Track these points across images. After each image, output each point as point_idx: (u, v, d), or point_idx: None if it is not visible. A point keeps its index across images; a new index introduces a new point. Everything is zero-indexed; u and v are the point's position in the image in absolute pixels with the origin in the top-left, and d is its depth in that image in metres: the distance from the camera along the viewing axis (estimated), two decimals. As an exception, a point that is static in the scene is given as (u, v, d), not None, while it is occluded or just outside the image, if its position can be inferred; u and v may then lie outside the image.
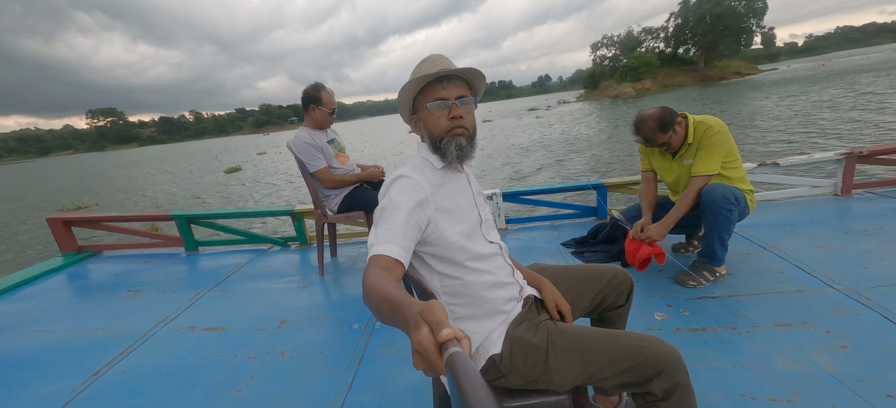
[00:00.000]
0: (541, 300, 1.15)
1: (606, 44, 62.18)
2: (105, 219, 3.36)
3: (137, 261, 3.21)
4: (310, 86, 2.52)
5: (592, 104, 44.24)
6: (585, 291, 1.20)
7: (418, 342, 0.47)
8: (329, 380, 1.64)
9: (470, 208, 1.05)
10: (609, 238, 2.56)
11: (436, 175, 1.01)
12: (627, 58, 53.83)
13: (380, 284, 0.69)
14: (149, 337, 2.06)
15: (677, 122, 2.04)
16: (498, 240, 1.11)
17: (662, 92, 45.48)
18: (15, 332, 2.24)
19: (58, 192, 21.84)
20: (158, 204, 13.84)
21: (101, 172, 36.55)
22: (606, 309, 1.23)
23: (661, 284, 2.12)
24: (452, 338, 0.46)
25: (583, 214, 3.30)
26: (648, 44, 60.42)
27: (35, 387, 1.73)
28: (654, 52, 56.78)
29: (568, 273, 1.24)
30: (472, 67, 1.01)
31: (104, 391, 1.68)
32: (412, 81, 0.99)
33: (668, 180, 2.25)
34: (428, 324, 0.49)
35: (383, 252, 0.82)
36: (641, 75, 50.67)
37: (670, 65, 54.63)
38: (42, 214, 13.77)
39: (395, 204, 0.90)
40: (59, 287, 2.84)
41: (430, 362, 0.46)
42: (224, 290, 2.56)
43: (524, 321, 1.03)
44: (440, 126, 1.00)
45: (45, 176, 40.03)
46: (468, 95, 1.03)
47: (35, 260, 6.67)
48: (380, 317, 0.66)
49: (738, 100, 23.81)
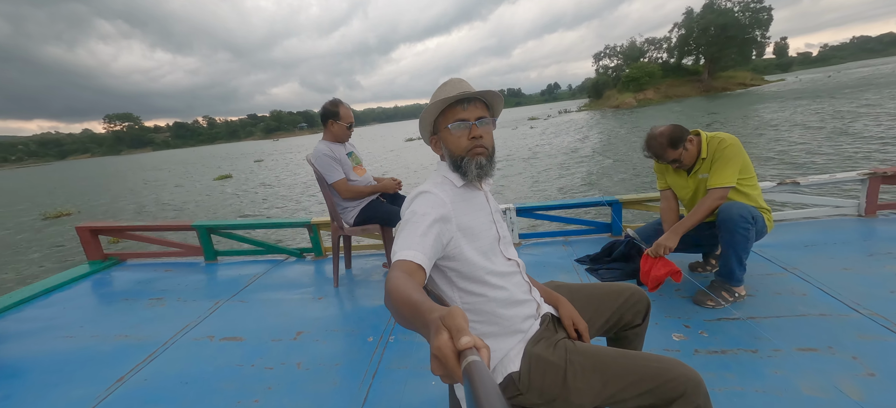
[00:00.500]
0: (558, 318, 1.15)
1: (608, 54, 62.41)
2: (130, 228, 3.48)
3: (159, 269, 3.30)
4: (329, 102, 2.59)
5: (593, 114, 44.14)
6: (601, 310, 1.20)
7: (437, 348, 0.47)
8: (344, 393, 1.65)
9: (488, 226, 1.07)
10: (624, 256, 2.54)
11: (456, 193, 1.04)
12: (629, 68, 53.82)
13: (402, 287, 0.69)
14: (170, 345, 2.11)
15: (688, 139, 2.04)
16: (515, 257, 1.13)
17: (664, 102, 45.20)
18: (44, 336, 2.32)
19: (48, 195, 22.71)
20: (141, 210, 14.31)
21: (95, 177, 37.73)
22: (623, 328, 1.23)
23: (678, 303, 2.09)
24: (472, 346, 0.46)
25: (597, 231, 3.28)
26: (651, 54, 60.50)
27: (62, 391, 1.79)
28: (656, 63, 56.70)
29: (584, 291, 1.24)
30: (491, 90, 1.04)
31: (127, 398, 1.73)
32: (434, 103, 1.03)
33: (684, 198, 2.24)
34: (448, 330, 0.49)
35: (406, 257, 0.84)
36: (643, 86, 50.58)
37: (674, 75, 54.40)
38: (28, 217, 14.46)
39: (418, 216, 0.93)
40: (86, 294, 2.94)
41: (447, 368, 0.46)
42: (242, 300, 2.61)
43: (542, 339, 1.04)
44: (461, 145, 1.04)
45: (49, 180, 41.35)
46: (487, 116, 1.06)
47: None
48: (400, 319, 0.67)
49: (732, 113, 23.38)
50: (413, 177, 14.55)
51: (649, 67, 52.60)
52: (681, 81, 52.89)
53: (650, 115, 30.92)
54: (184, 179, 25.02)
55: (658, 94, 49.74)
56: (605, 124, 28.36)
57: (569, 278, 2.54)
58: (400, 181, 2.74)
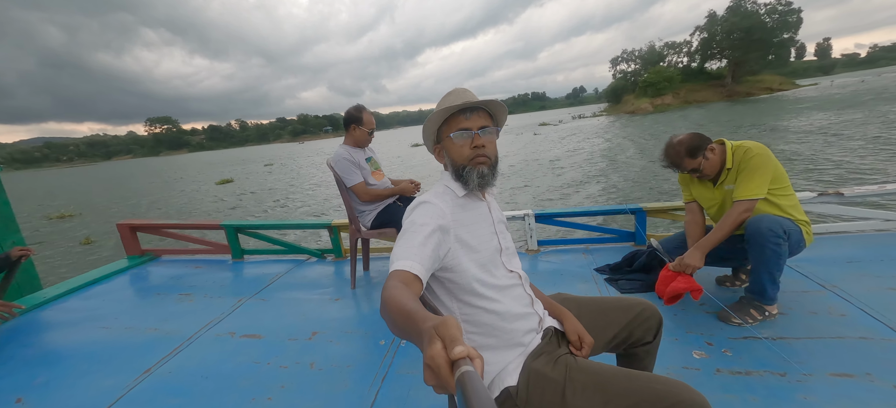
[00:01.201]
0: (562, 332, 1.13)
1: (626, 58, 61.44)
2: (165, 226, 3.68)
3: (190, 266, 3.47)
4: (352, 107, 2.65)
5: (607, 119, 43.20)
6: (609, 325, 1.16)
7: (430, 357, 0.47)
8: (353, 395, 1.68)
9: (489, 237, 1.06)
10: (645, 267, 2.46)
11: (457, 203, 1.03)
12: (647, 73, 52.62)
13: (397, 297, 0.69)
14: (194, 340, 2.21)
15: (709, 148, 1.94)
16: (518, 269, 1.11)
17: (683, 108, 43.82)
18: (83, 326, 2.49)
19: (49, 196, 24.36)
20: (136, 211, 15.19)
21: (119, 177, 40.01)
22: (633, 345, 1.18)
23: (701, 319, 2.00)
24: (465, 356, 0.45)
25: (619, 239, 3.18)
26: (671, 59, 58.90)
27: (95, 379, 1.91)
28: (675, 67, 55.25)
29: (592, 305, 1.21)
30: (494, 100, 1.03)
31: (152, 389, 1.82)
32: (437, 112, 1.03)
33: (711, 210, 2.12)
34: (441, 339, 0.48)
35: (403, 267, 0.83)
36: (661, 91, 49.36)
37: (695, 80, 52.76)
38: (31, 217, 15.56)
39: (417, 226, 0.93)
40: (123, 287, 3.13)
41: (440, 378, 0.46)
42: (263, 298, 2.71)
43: (543, 354, 1.01)
44: (463, 155, 1.03)
45: (79, 181, 44.17)
46: (490, 126, 1.05)
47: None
48: (395, 329, 0.66)
49: (747, 119, 22.13)
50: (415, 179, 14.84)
51: (667, 72, 51.43)
52: (702, 86, 51.42)
53: (664, 120, 30.17)
54: (187, 182, 26.36)
55: (677, 100, 48.49)
56: (613, 131, 27.76)
57: (587, 288, 2.48)
58: (418, 184, 2.76)
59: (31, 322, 2.61)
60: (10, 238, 3.41)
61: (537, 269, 2.88)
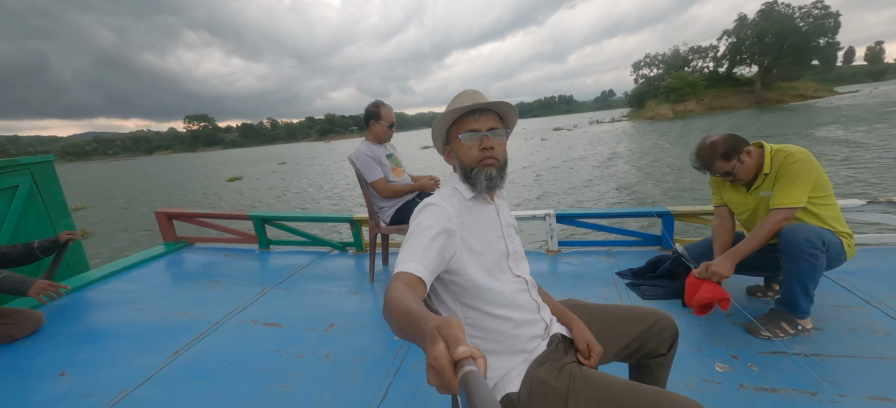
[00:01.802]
0: (570, 340, 1.10)
1: (648, 63, 59.39)
2: (198, 215, 3.86)
3: (220, 254, 3.63)
4: (371, 103, 2.68)
5: (624, 125, 42.08)
6: (621, 334, 1.13)
7: (433, 358, 0.46)
8: (365, 388, 1.71)
9: (496, 240, 1.04)
10: (670, 273, 2.37)
11: (464, 205, 1.03)
12: (668, 78, 50.68)
13: (401, 298, 0.69)
14: (220, 326, 2.32)
15: (745, 151, 1.83)
16: (525, 274, 1.09)
17: (708, 114, 41.93)
18: (122, 308, 2.66)
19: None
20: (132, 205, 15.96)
21: (147, 172, 41.99)
22: (646, 356, 1.14)
23: (727, 330, 1.90)
24: (468, 356, 0.45)
25: (645, 243, 3.07)
26: (696, 63, 56.54)
27: (129, 359, 2.04)
28: (700, 72, 53.15)
29: (604, 313, 1.17)
30: (503, 101, 1.02)
31: (179, 370, 1.93)
32: (446, 113, 1.02)
33: (742, 217, 2.01)
34: (444, 339, 0.48)
35: (407, 270, 0.83)
36: (684, 96, 47.53)
37: (722, 86, 50.38)
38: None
39: (422, 228, 0.93)
40: (159, 272, 3.32)
41: (443, 378, 0.45)
42: (286, 288, 2.80)
43: (548, 361, 1.00)
44: (471, 156, 1.03)
45: (112, 174, 46.73)
46: (500, 128, 1.04)
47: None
48: (397, 330, 0.66)
49: (773, 129, 20.70)
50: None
51: (690, 78, 49.35)
52: (729, 92, 48.96)
53: (688, 126, 29.02)
54: (197, 180, 27.37)
55: (701, 106, 46.55)
56: (623, 137, 26.95)
57: (607, 292, 2.41)
58: (438, 180, 2.76)
59: (77, 301, 2.81)
60: (62, 222, 3.68)
61: (557, 270, 2.83)
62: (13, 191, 3.33)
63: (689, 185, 9.78)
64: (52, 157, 3.78)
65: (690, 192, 9.24)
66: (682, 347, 1.79)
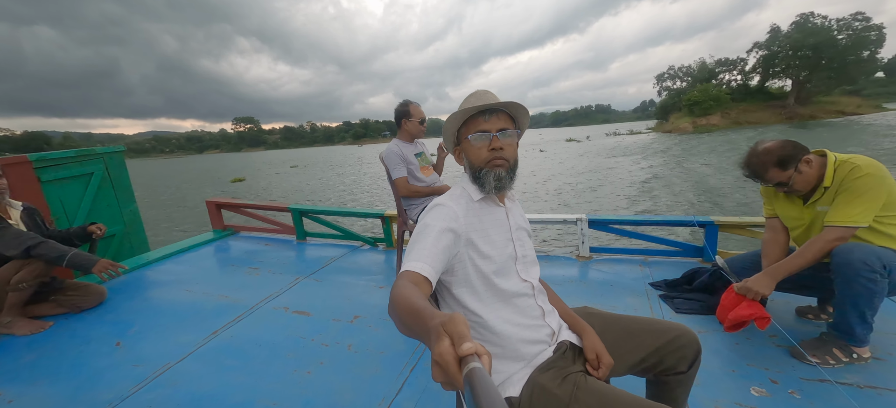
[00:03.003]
0: (579, 348, 1.07)
1: (671, 76, 57.87)
2: (243, 205, 4.12)
3: (261, 243, 3.85)
4: (400, 103, 2.74)
5: (643, 138, 40.77)
6: (636, 347, 1.08)
7: (438, 354, 0.46)
8: (382, 381, 1.75)
9: (504, 243, 1.03)
10: (707, 287, 2.22)
11: (472, 207, 1.02)
12: (690, 91, 49.02)
13: (406, 295, 0.69)
14: (254, 310, 2.46)
15: (805, 159, 1.66)
16: (533, 279, 1.07)
17: (733, 129, 39.73)
18: (172, 287, 2.90)
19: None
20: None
21: (180, 170, 45.29)
22: (664, 372, 1.08)
23: (768, 352, 1.76)
24: (473, 352, 0.45)
25: (684, 254, 2.90)
26: (724, 76, 54.06)
27: (174, 336, 2.22)
28: (725, 86, 51.07)
29: (620, 324, 1.13)
30: (514, 102, 1.01)
31: (215, 349, 2.07)
32: (457, 113, 1.03)
33: (795, 233, 1.84)
34: (449, 336, 0.48)
35: (413, 269, 0.84)
36: (708, 110, 45.59)
37: (752, 99, 47.80)
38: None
39: (429, 228, 0.94)
40: (207, 256, 3.58)
41: (448, 375, 0.45)
42: (317, 279, 2.92)
43: (553, 368, 0.97)
44: (481, 157, 1.02)
45: (154, 170, 50.55)
46: (510, 129, 1.03)
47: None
48: (402, 328, 0.67)
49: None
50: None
51: (714, 91, 47.40)
52: (757, 106, 46.36)
53: (709, 142, 27.58)
54: (203, 181, 28.99)
55: (726, 121, 44.18)
56: (627, 151, 25.96)
57: (637, 302, 2.31)
58: None
59: (136, 279, 3.10)
60: (129, 206, 4.07)
61: (587, 277, 2.74)
62: (89, 177, 3.73)
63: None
64: (122, 148, 4.18)
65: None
66: (715, 365, 1.69)
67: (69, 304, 2.51)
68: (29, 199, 3.23)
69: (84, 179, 3.71)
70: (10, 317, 2.28)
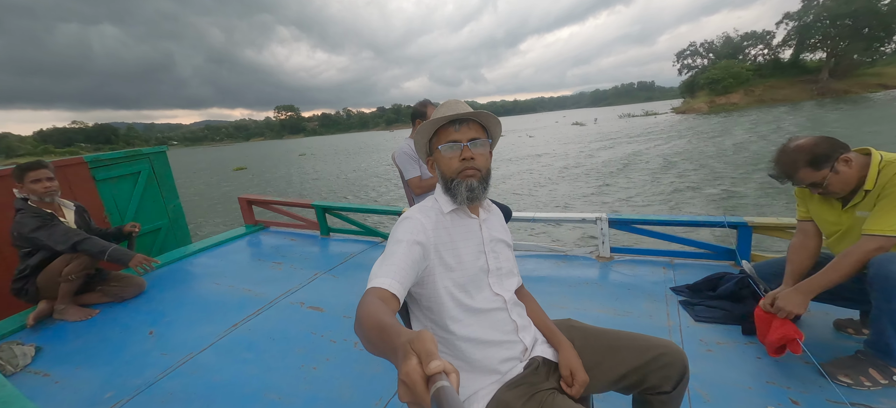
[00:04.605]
0: (554, 364, 1.03)
1: (692, 53, 54.22)
2: (272, 202, 4.32)
3: (287, 238, 4.03)
4: (418, 102, 2.74)
5: (647, 121, 38.93)
6: (618, 364, 1.03)
7: (405, 374, 0.45)
8: (381, 380, 1.79)
9: (474, 256, 1.01)
10: (732, 294, 2.07)
11: (442, 219, 1.01)
12: (710, 68, 45.97)
13: (373, 313, 0.68)
14: (273, 304, 2.59)
15: (842, 158, 1.49)
16: (506, 293, 1.04)
17: (755, 108, 36.44)
18: (203, 280, 3.11)
19: None
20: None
21: (209, 159, 47.28)
22: (647, 391, 1.02)
23: (793, 368, 1.61)
24: (441, 371, 0.44)
25: (715, 257, 2.71)
26: (751, 51, 50.15)
27: (199, 326, 2.38)
28: (751, 62, 47.56)
29: (602, 338, 1.08)
30: (485, 112, 0.98)
31: (234, 341, 2.20)
32: (427, 124, 1.01)
33: (831, 239, 1.66)
34: (417, 354, 0.47)
35: (380, 285, 0.82)
36: (729, 88, 42.41)
37: (781, 75, 43.94)
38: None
39: (396, 243, 0.93)
40: (237, 251, 3.79)
41: (415, 395, 0.45)
42: (334, 275, 3.02)
43: (521, 385, 0.95)
44: (452, 167, 1.00)
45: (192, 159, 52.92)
46: (482, 138, 1.00)
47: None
48: (369, 345, 0.66)
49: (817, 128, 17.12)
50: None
51: (734, 68, 43.93)
52: (785, 82, 42.50)
53: (722, 124, 25.81)
54: (213, 171, 30.07)
55: (749, 99, 40.76)
56: (614, 139, 24.38)
57: (654, 308, 2.19)
58: None
59: (174, 271, 3.35)
60: (172, 201, 4.40)
61: (605, 279, 2.64)
62: (137, 175, 4.06)
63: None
64: (165, 148, 4.51)
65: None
66: (729, 380, 1.58)
67: (112, 293, 2.76)
68: (85, 196, 3.57)
69: (133, 178, 4.04)
70: (63, 305, 2.54)
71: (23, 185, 2.49)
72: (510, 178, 13.52)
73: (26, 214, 2.44)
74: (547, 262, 2.96)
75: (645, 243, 3.35)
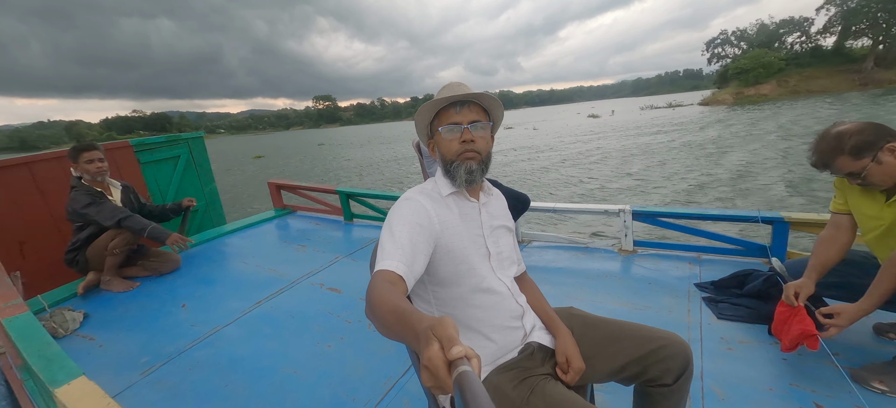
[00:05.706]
0: (551, 351, 1.03)
1: (723, 42, 50.95)
2: (299, 187, 4.47)
3: (312, 222, 4.17)
4: None
5: (665, 113, 37.17)
6: (617, 354, 1.00)
7: (428, 359, 0.46)
8: (392, 361, 1.83)
9: (473, 239, 1.01)
10: (760, 293, 1.96)
11: (442, 202, 1.01)
12: (740, 58, 43.16)
13: (387, 297, 0.67)
14: (294, 285, 2.70)
15: (887, 148, 1.36)
16: (506, 278, 1.04)
17: (786, 99, 33.85)
18: (233, 259, 3.28)
19: None
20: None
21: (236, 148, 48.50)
22: (648, 383, 1.00)
23: (821, 371, 1.52)
24: (463, 356, 0.45)
25: (746, 253, 2.57)
26: (788, 39, 46.93)
27: (226, 302, 2.52)
28: (787, 50, 44.67)
29: (603, 328, 1.06)
30: (486, 93, 0.97)
31: (257, 317, 2.32)
32: (428, 105, 1.02)
33: (870, 235, 1.53)
34: (439, 340, 0.47)
35: (387, 267, 0.80)
36: (759, 78, 39.91)
37: (820, 64, 40.43)
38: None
39: (399, 224, 0.91)
40: (265, 233, 3.97)
41: (438, 379, 0.45)
42: (354, 259, 3.10)
43: (514, 369, 0.95)
44: (452, 150, 1.00)
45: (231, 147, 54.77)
46: (483, 121, 0.99)
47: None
48: (385, 329, 0.64)
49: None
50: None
51: (765, 58, 41.03)
52: (825, 72, 39.02)
53: (740, 117, 24.65)
54: (233, 159, 30.85)
55: (782, 90, 37.98)
56: (613, 133, 23.67)
57: (675, 304, 2.12)
58: None
59: (208, 250, 3.55)
60: (208, 185, 4.64)
61: (627, 272, 2.57)
62: (176, 159, 4.30)
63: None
64: (202, 133, 4.74)
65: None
66: (751, 380, 1.51)
67: (152, 268, 2.97)
68: (132, 177, 3.84)
69: (173, 161, 4.29)
70: (109, 276, 2.76)
71: (77, 164, 2.71)
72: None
73: (80, 192, 2.65)
74: (567, 253, 2.91)
75: (672, 238, 3.23)
